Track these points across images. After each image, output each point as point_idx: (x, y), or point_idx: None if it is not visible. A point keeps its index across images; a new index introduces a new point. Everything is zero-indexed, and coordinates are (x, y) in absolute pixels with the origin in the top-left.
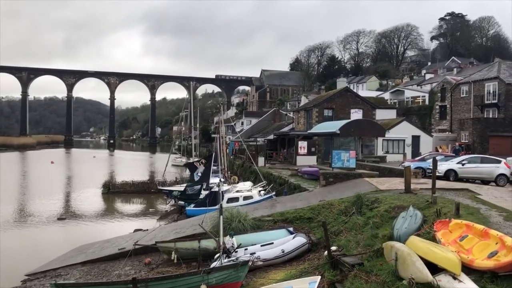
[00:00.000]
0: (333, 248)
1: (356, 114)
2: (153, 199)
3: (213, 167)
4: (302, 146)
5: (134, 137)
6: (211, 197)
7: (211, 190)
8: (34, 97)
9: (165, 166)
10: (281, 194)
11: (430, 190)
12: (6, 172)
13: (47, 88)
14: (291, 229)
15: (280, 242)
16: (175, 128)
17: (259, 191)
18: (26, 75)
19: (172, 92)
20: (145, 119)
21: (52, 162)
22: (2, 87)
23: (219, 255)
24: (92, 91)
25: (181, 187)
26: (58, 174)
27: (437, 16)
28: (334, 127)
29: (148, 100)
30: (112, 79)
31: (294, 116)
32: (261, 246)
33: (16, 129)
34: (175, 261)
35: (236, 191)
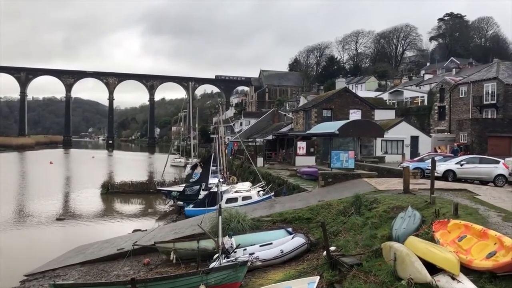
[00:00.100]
0: (332, 248)
1: (355, 115)
2: (152, 200)
3: (212, 168)
4: (301, 146)
5: (133, 137)
6: (210, 197)
7: (210, 190)
8: (32, 97)
9: (164, 166)
10: (280, 195)
11: (429, 191)
12: (5, 173)
13: (45, 88)
14: (290, 230)
15: (279, 243)
16: (174, 129)
17: (258, 192)
18: (24, 75)
19: (171, 92)
20: (144, 119)
21: (51, 163)
22: (1, 87)
23: (218, 256)
24: (90, 91)
25: (180, 188)
26: (57, 174)
27: (436, 16)
28: (333, 127)
29: (147, 101)
30: (111, 79)
31: (293, 117)
32: (260, 246)
33: (15, 129)
34: (174, 261)
35: (235, 192)
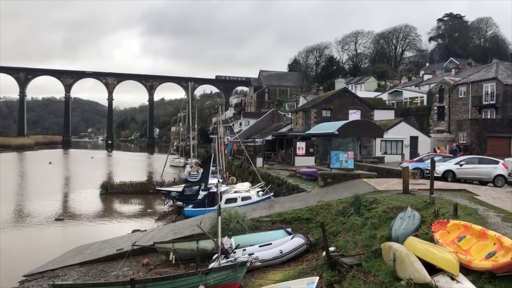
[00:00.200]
0: (331, 248)
1: (354, 115)
2: (151, 200)
3: (212, 168)
4: (301, 146)
5: (132, 137)
6: (209, 197)
7: (209, 190)
8: (32, 97)
9: (163, 166)
10: (279, 195)
11: (428, 191)
12: (5, 173)
13: (45, 88)
14: (289, 230)
15: (278, 243)
16: (173, 129)
17: (257, 192)
18: (24, 75)
19: (170, 92)
20: (143, 119)
21: (50, 163)
22: (0, 87)
23: (217, 256)
24: (90, 91)
25: (179, 188)
26: (56, 174)
27: (435, 17)
28: (333, 127)
29: (146, 101)
30: (110, 79)
31: (292, 117)
32: (259, 246)
33: (14, 129)
34: (173, 261)
35: (234, 192)
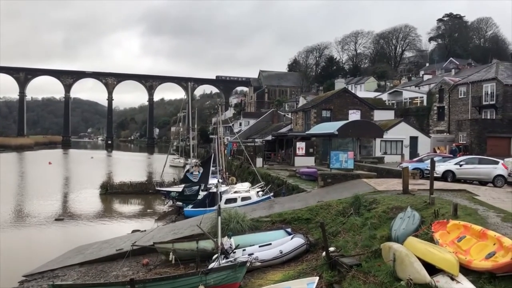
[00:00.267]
0: (331, 249)
1: (354, 115)
2: (151, 200)
3: (212, 168)
4: (300, 147)
5: (132, 137)
6: (209, 198)
7: (209, 191)
8: (31, 97)
9: (163, 167)
10: (279, 195)
11: (428, 191)
12: (4, 173)
13: (44, 88)
14: (289, 230)
15: (278, 243)
16: (173, 129)
17: (257, 192)
18: (23, 75)
19: (170, 92)
20: (143, 119)
21: (50, 163)
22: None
23: (217, 256)
24: (90, 91)
25: (179, 188)
26: (56, 174)
27: (435, 17)
28: (332, 128)
29: (146, 101)
30: (110, 79)
31: (292, 117)
32: (259, 247)
33: (14, 129)
34: (173, 262)
35: (234, 192)
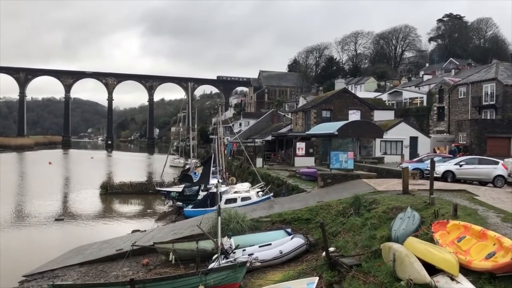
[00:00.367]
0: (331, 249)
1: (354, 115)
2: (151, 200)
3: (212, 168)
4: (300, 147)
5: (132, 138)
6: (209, 198)
7: (209, 191)
8: (31, 97)
9: (163, 167)
10: (279, 195)
11: (428, 191)
12: (4, 173)
13: (45, 88)
14: (289, 230)
15: (278, 243)
16: (173, 129)
17: (257, 192)
18: (23, 75)
19: (170, 93)
20: (143, 120)
21: (50, 163)
22: (0, 87)
23: (217, 256)
24: (90, 91)
25: (179, 188)
26: (56, 175)
27: (435, 17)
28: (332, 128)
29: (146, 101)
30: (110, 79)
31: (292, 117)
32: (259, 247)
33: (14, 129)
34: (173, 262)
35: (234, 192)
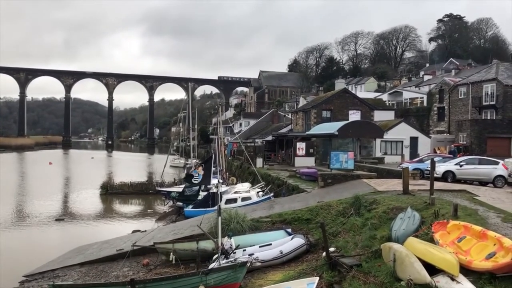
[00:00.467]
0: (331, 249)
1: (354, 115)
2: (152, 200)
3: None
4: (301, 147)
5: (132, 138)
6: (209, 198)
7: (209, 191)
8: (32, 97)
9: (163, 167)
10: (279, 195)
11: (428, 192)
12: (5, 173)
13: (45, 89)
14: (290, 230)
15: (279, 243)
16: (173, 129)
17: (257, 192)
18: (24, 75)
19: (171, 93)
20: (143, 120)
21: (50, 163)
22: (0, 87)
23: (217, 256)
24: (90, 92)
25: (180, 188)
26: (56, 175)
27: (435, 17)
28: (333, 128)
29: (146, 101)
30: (110, 80)
31: (292, 117)
32: (259, 247)
33: (14, 129)
34: (174, 262)
35: (234, 192)
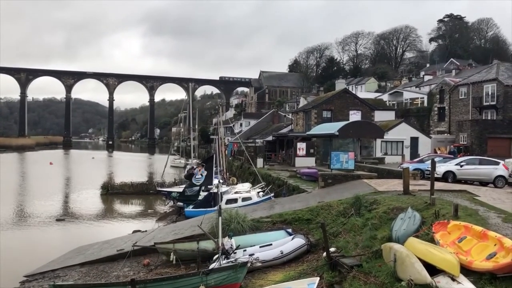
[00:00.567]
0: (331, 249)
1: (354, 116)
2: (152, 200)
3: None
4: (301, 147)
5: (133, 138)
6: (210, 198)
7: (210, 191)
8: (32, 98)
9: (164, 167)
10: (279, 196)
11: (429, 192)
12: (5, 173)
13: (45, 89)
14: (290, 230)
15: (279, 244)
16: (174, 130)
17: (258, 193)
18: (24, 76)
19: (171, 93)
20: (144, 120)
21: (51, 163)
22: (1, 88)
23: (218, 256)
24: (91, 92)
25: (180, 188)
26: (56, 175)
27: (435, 17)
28: (333, 128)
29: (147, 101)
30: (111, 80)
31: (292, 118)
32: (260, 247)
33: (15, 130)
34: (174, 262)
35: (235, 193)
